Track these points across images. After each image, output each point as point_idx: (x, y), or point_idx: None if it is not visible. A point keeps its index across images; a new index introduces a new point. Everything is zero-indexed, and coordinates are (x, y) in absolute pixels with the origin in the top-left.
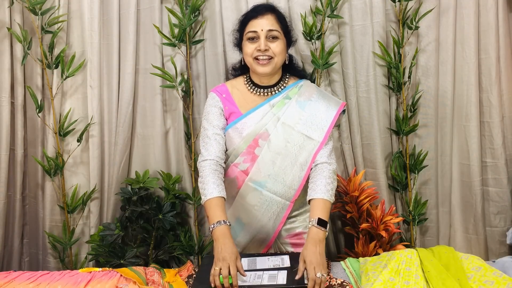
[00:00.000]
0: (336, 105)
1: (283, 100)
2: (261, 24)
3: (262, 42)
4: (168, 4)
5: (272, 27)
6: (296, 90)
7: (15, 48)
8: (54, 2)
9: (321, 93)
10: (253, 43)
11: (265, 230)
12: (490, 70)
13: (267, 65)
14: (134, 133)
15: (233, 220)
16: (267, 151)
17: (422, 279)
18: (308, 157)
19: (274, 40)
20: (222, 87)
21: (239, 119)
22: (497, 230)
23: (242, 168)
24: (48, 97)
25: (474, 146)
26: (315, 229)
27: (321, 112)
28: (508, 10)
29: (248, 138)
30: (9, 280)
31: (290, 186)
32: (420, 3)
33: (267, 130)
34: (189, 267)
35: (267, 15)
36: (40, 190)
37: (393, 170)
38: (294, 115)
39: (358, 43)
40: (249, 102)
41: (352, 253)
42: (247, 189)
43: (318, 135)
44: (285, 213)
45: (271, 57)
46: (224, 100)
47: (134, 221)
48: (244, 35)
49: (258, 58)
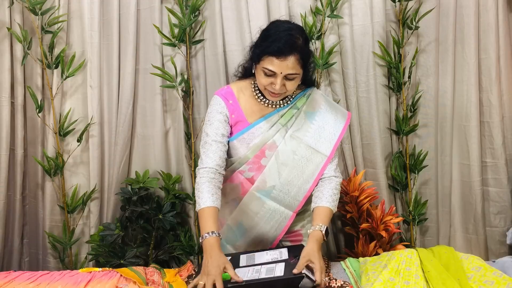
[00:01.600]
0: (343, 117)
1: (291, 111)
2: (282, 67)
3: (278, 83)
4: (168, 4)
5: (292, 71)
6: (304, 100)
7: (15, 48)
8: (54, 2)
9: (329, 103)
10: (269, 77)
11: (265, 238)
12: (490, 70)
13: (279, 97)
14: (134, 133)
15: (235, 224)
16: (274, 162)
17: (422, 279)
18: (315, 170)
19: (291, 80)
20: (228, 90)
21: (246, 129)
22: (497, 230)
23: (247, 176)
24: (48, 97)
25: (474, 146)
26: (320, 234)
27: (329, 125)
28: (508, 10)
29: (255, 149)
30: (9, 280)
31: (294, 197)
32: (420, 3)
33: (275, 142)
34: (189, 267)
35: (291, 57)
36: (40, 190)
37: (393, 170)
38: (302, 127)
39: (358, 43)
40: (256, 111)
41: (352, 253)
42: (251, 197)
43: (326, 149)
44: (287, 223)
45: (284, 93)
46: (231, 106)
47: (134, 221)
48: (261, 65)
49: (271, 91)
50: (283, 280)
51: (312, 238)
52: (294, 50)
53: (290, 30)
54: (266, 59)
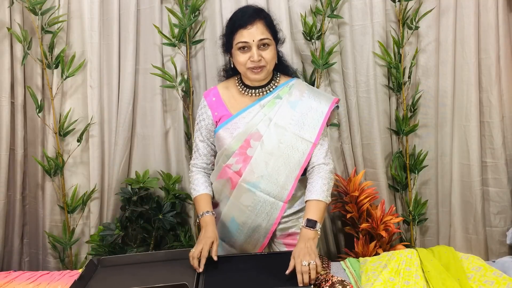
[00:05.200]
0: (327, 102)
1: (274, 100)
2: (252, 34)
3: (255, 53)
4: (168, 4)
5: (262, 36)
6: (286, 90)
7: (15, 48)
8: (54, 2)
9: (312, 91)
10: (245, 53)
11: (259, 231)
12: (490, 70)
13: (260, 72)
14: (134, 133)
15: (227, 220)
16: (260, 152)
17: (422, 279)
18: (301, 158)
19: (265, 47)
20: (213, 90)
21: (229, 120)
22: (497, 230)
23: (234, 169)
24: (48, 97)
25: (474, 146)
26: (304, 229)
27: (313, 111)
28: (508, 10)
29: (239, 138)
30: (9, 280)
31: (283, 186)
32: (420, 3)
33: (259, 131)
34: None
35: (257, 23)
36: (40, 190)
37: (393, 170)
38: (286, 116)
39: (358, 43)
40: (240, 103)
41: (352, 253)
42: (240, 189)
43: (310, 135)
44: (279, 214)
45: (264, 65)
46: (213, 104)
47: (134, 221)
48: (234, 44)
49: (251, 67)
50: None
51: (299, 238)
52: (258, 16)
53: (250, 7)
54: (236, 36)
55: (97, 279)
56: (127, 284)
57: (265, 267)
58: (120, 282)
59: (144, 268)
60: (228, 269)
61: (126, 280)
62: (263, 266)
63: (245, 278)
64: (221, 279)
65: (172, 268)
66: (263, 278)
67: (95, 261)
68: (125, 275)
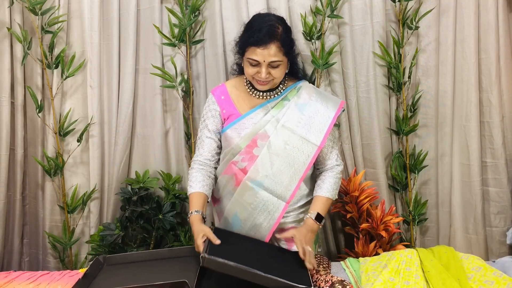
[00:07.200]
0: (335, 106)
1: (282, 102)
2: (264, 55)
3: (263, 72)
4: (168, 4)
5: (275, 58)
6: (295, 92)
7: (15, 48)
8: (54, 2)
9: (320, 94)
10: (254, 67)
11: (260, 229)
12: (490, 70)
13: (267, 85)
14: (134, 133)
15: (230, 216)
16: (266, 152)
17: (422, 279)
18: (306, 160)
19: (276, 67)
20: (221, 87)
21: (237, 120)
22: (497, 230)
23: (240, 167)
24: (48, 97)
25: (474, 146)
26: (312, 221)
27: (320, 115)
28: (508, 10)
29: (247, 138)
30: (9, 280)
31: (286, 187)
32: (420, 3)
33: (267, 132)
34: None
35: (271, 45)
36: (40, 190)
37: (393, 170)
38: (293, 118)
39: (358, 43)
40: (248, 103)
41: (352, 253)
42: (244, 187)
43: (316, 139)
44: (280, 214)
45: (271, 80)
46: (222, 102)
47: (134, 221)
48: (245, 57)
49: (258, 80)
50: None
51: (303, 225)
52: (274, 38)
53: (270, 21)
54: (249, 50)
55: (102, 277)
56: (131, 282)
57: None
58: (124, 279)
59: (150, 266)
60: (233, 242)
61: (130, 277)
62: (267, 253)
63: (253, 255)
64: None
65: (178, 265)
66: (272, 262)
67: (101, 259)
68: (129, 273)
